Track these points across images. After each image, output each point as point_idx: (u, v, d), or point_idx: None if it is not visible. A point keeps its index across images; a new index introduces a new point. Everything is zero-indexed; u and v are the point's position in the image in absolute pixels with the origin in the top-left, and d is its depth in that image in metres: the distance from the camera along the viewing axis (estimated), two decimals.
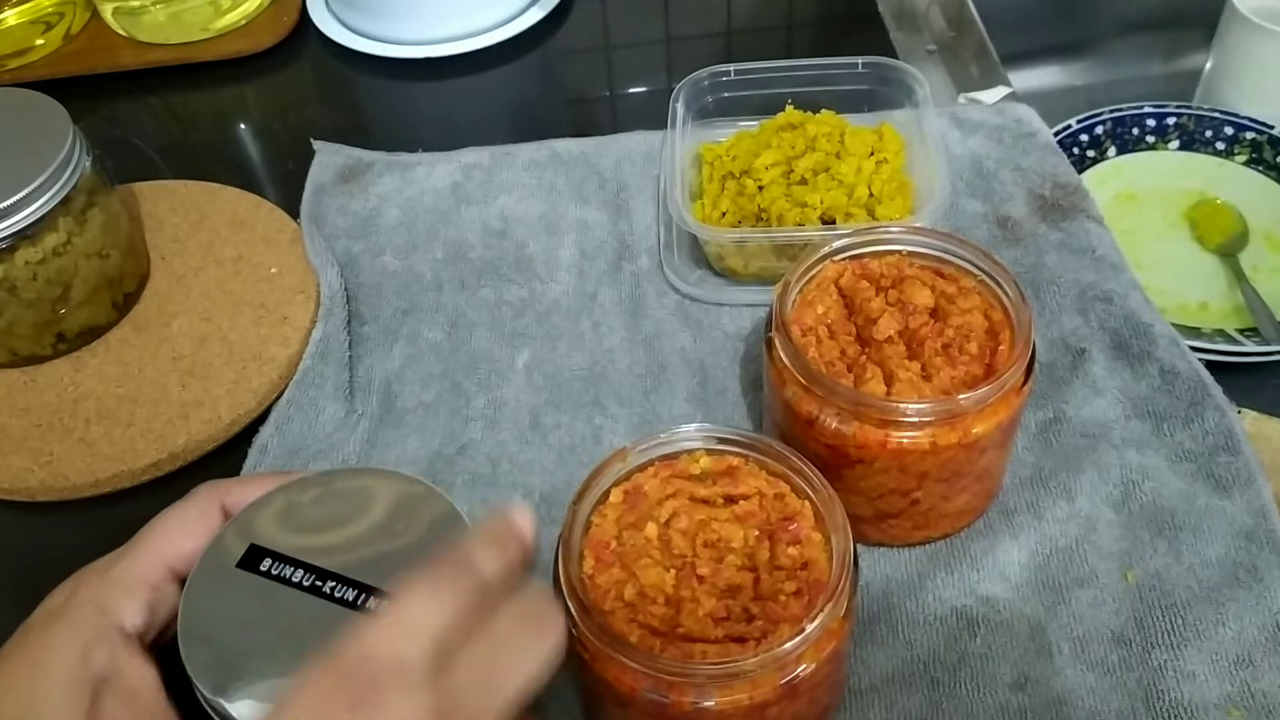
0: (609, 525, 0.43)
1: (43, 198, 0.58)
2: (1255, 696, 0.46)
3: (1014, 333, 0.48)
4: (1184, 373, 0.56)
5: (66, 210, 0.60)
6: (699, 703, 0.39)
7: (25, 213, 0.57)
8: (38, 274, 0.59)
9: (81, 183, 0.61)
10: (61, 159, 0.59)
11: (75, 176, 0.60)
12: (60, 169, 0.59)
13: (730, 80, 0.69)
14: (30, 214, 0.58)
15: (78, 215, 0.61)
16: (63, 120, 0.61)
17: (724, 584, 0.42)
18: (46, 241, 0.59)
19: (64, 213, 0.60)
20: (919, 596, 0.50)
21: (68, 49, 0.87)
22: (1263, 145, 0.72)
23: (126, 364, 0.62)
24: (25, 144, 0.60)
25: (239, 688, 0.37)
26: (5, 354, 0.62)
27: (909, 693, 0.47)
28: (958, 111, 0.73)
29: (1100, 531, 0.52)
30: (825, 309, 0.51)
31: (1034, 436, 0.56)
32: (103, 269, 0.63)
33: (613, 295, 0.65)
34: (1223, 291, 0.67)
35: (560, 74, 0.88)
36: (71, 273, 0.61)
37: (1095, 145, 0.74)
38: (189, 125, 0.84)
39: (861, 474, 0.48)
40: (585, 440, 0.58)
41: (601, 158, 0.73)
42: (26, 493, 0.58)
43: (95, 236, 0.62)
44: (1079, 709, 0.46)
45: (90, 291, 0.62)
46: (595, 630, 0.39)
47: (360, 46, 0.86)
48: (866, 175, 0.62)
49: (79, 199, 0.61)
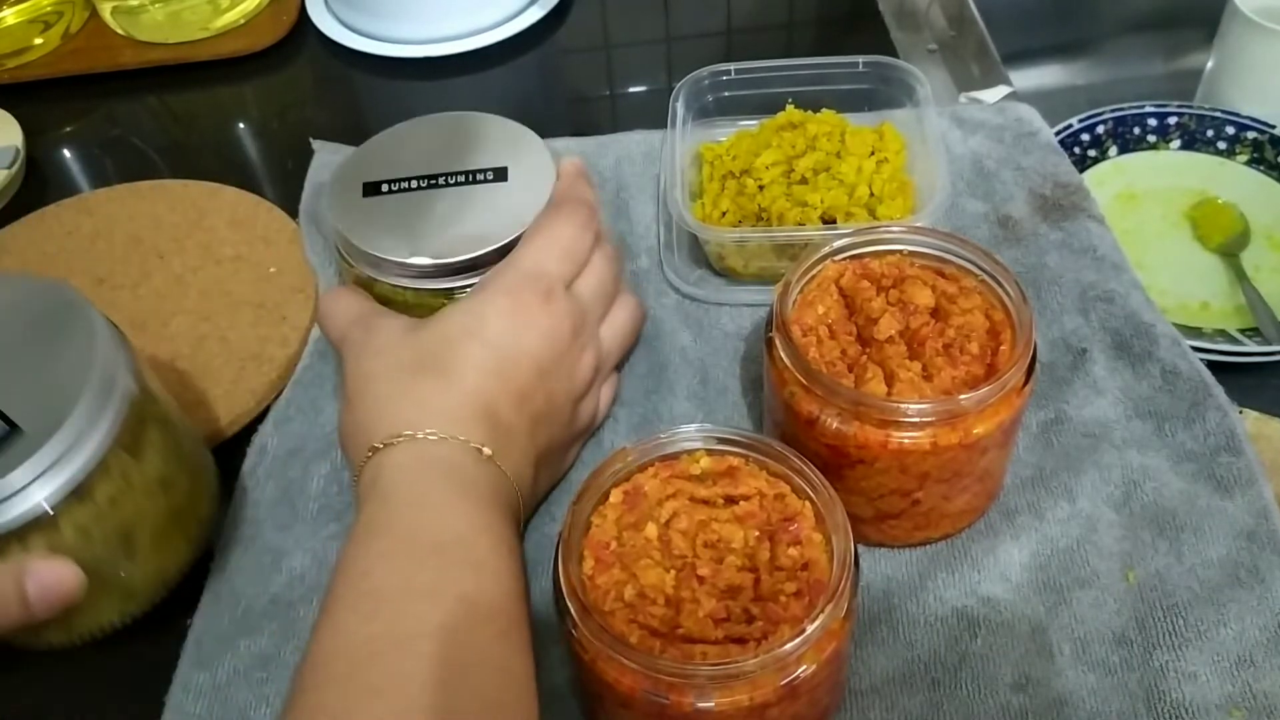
0: (609, 526, 0.43)
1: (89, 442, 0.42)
2: (1257, 697, 0.46)
3: (1015, 333, 0.48)
4: (1185, 373, 0.56)
5: (116, 444, 0.43)
6: (699, 704, 0.39)
7: (69, 471, 0.41)
8: (92, 535, 0.43)
9: (133, 401, 0.45)
10: (99, 379, 0.42)
11: (122, 400, 0.44)
12: (102, 395, 0.43)
13: (730, 79, 0.69)
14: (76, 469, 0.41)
15: (130, 446, 0.44)
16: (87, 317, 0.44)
17: (724, 585, 0.42)
18: (99, 493, 0.43)
19: (114, 450, 0.43)
20: (920, 597, 0.50)
21: (66, 48, 0.87)
22: (1264, 145, 0.72)
23: None
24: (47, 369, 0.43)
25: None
26: (64, 634, 0.46)
27: (910, 693, 0.47)
28: (959, 111, 0.73)
29: (1101, 532, 0.52)
30: (826, 309, 0.50)
31: (1035, 437, 0.56)
32: (170, 504, 0.47)
33: None
34: (1224, 291, 0.67)
35: (560, 73, 0.88)
36: (133, 521, 0.45)
37: (1096, 145, 0.74)
38: (188, 125, 0.84)
39: (862, 474, 0.48)
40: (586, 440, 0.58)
41: (601, 157, 0.73)
42: None
43: (156, 466, 0.46)
44: (1080, 710, 0.46)
45: (158, 536, 0.47)
46: (595, 631, 0.39)
47: (359, 46, 0.86)
48: (867, 175, 0.62)
49: (129, 423, 0.44)
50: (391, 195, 0.56)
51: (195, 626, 0.51)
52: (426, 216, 0.54)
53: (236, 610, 0.51)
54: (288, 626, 0.50)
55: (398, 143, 0.59)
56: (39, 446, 0.40)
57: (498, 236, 0.53)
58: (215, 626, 0.51)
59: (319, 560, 0.53)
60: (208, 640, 0.50)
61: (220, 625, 0.51)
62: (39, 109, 0.83)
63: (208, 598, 0.52)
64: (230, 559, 0.53)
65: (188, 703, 0.48)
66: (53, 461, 0.41)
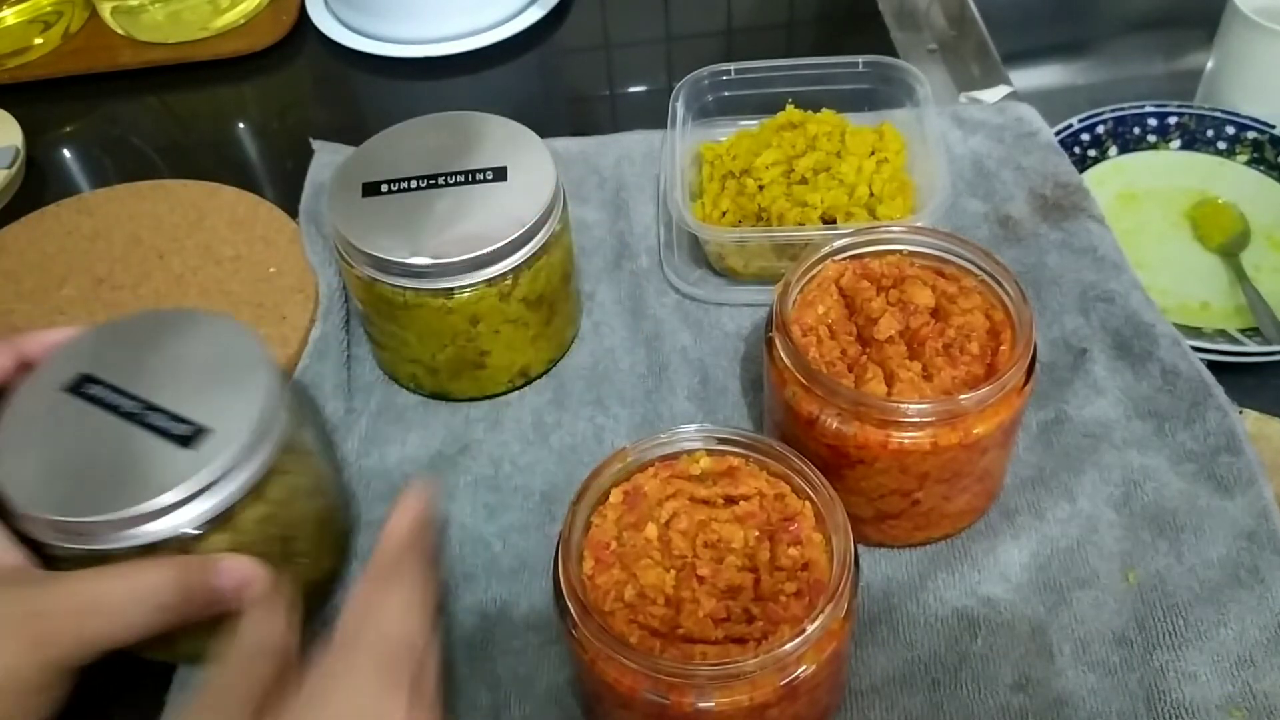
0: (609, 526, 0.43)
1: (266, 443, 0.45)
2: (1257, 697, 0.46)
3: (1015, 333, 0.48)
4: (1185, 373, 0.56)
5: (285, 447, 0.46)
6: (699, 704, 0.39)
7: (249, 470, 0.44)
8: (263, 534, 0.45)
9: (292, 408, 0.48)
10: (268, 385, 0.46)
11: (286, 406, 0.47)
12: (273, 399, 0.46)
13: (730, 79, 0.69)
14: (255, 468, 0.44)
15: (291, 449, 0.47)
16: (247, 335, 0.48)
17: (724, 585, 0.42)
18: (271, 494, 0.45)
19: (283, 452, 0.46)
20: (920, 597, 0.50)
21: (66, 48, 0.87)
22: (1264, 145, 0.72)
23: None
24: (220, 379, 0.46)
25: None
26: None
27: (910, 693, 0.47)
28: (959, 111, 0.73)
29: (1101, 532, 0.52)
30: (826, 309, 0.50)
31: (1035, 437, 0.56)
32: (321, 510, 0.50)
33: (612, 294, 0.65)
34: (1224, 291, 0.66)
35: (560, 73, 0.88)
36: (295, 524, 0.47)
37: (1096, 144, 0.74)
38: (188, 125, 0.84)
39: (862, 474, 0.48)
40: (587, 440, 0.58)
41: (601, 157, 0.73)
42: None
43: (312, 469, 0.49)
44: (1080, 710, 0.46)
45: (311, 542, 0.49)
46: (595, 631, 0.39)
47: (359, 46, 0.86)
48: (867, 175, 0.62)
49: (291, 427, 0.47)
50: (391, 195, 0.56)
51: None
52: (426, 216, 0.54)
53: None
54: None
55: (398, 143, 0.59)
56: (224, 448, 0.43)
57: (498, 236, 0.53)
58: None
59: None
60: None
61: None
62: (39, 109, 0.83)
63: None
64: None
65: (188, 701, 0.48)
66: (234, 462, 0.43)
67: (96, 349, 0.47)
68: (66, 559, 0.42)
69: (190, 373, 0.46)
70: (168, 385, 0.45)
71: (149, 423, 0.44)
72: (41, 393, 0.45)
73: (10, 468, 0.43)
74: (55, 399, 0.45)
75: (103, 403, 0.44)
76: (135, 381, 0.45)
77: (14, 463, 0.43)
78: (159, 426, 0.43)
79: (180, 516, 0.42)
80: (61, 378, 0.45)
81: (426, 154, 0.57)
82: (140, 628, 0.41)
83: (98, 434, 0.43)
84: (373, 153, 0.58)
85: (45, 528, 0.42)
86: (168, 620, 0.41)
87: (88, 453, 0.43)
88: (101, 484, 0.42)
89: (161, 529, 0.42)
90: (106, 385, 0.45)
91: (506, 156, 0.57)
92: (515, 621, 0.50)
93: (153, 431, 0.43)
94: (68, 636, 0.40)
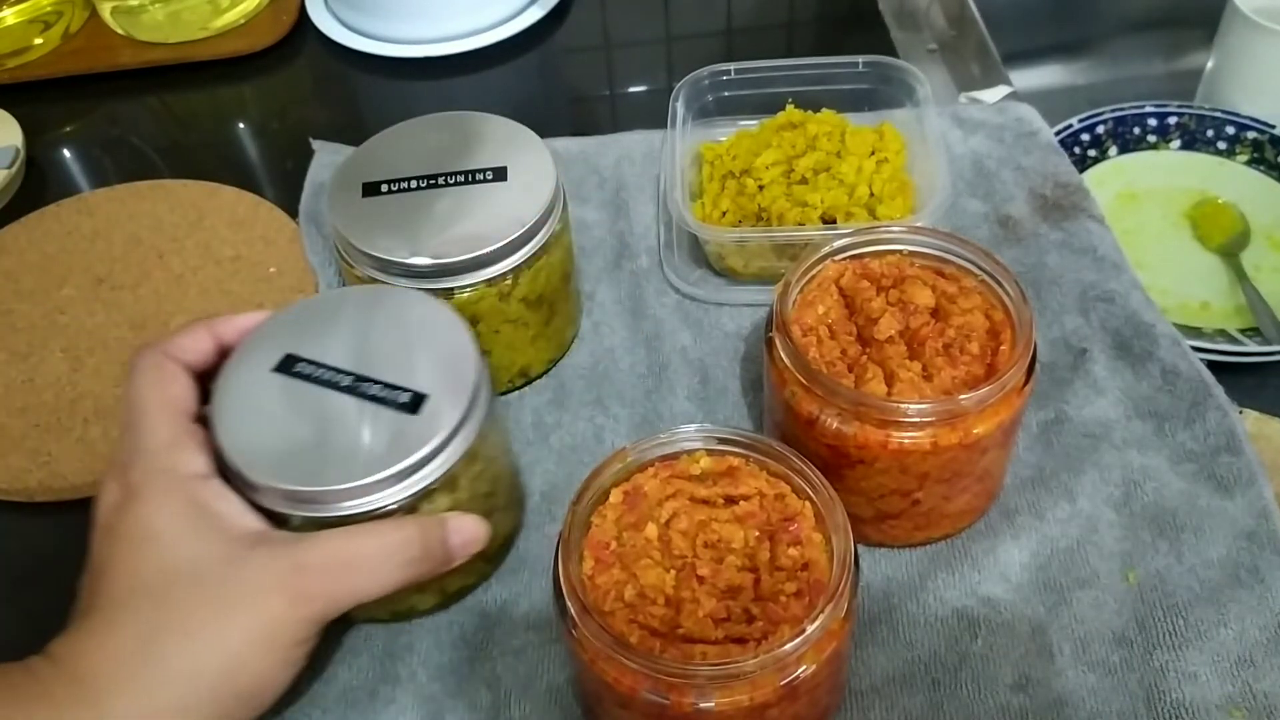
0: (609, 526, 0.43)
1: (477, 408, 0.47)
2: (1257, 697, 0.46)
3: (1015, 332, 0.48)
4: (1185, 373, 0.56)
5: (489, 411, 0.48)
6: (699, 704, 0.39)
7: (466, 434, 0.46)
8: (474, 493, 0.48)
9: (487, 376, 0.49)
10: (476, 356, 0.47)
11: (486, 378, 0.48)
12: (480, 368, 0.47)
13: (730, 79, 0.69)
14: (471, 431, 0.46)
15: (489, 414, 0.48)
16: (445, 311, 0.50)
17: (724, 585, 0.42)
18: (481, 455, 0.47)
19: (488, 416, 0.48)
20: (920, 597, 0.50)
21: (66, 48, 0.87)
22: (1264, 145, 0.72)
23: (125, 364, 0.62)
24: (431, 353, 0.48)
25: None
26: (438, 596, 0.51)
27: (910, 694, 0.47)
28: (959, 111, 0.73)
29: (1101, 532, 0.52)
30: (826, 309, 0.50)
31: (1035, 437, 0.56)
32: (510, 470, 0.53)
33: (612, 294, 0.65)
34: (1224, 291, 0.66)
35: (560, 73, 0.88)
36: (495, 483, 0.50)
37: (1096, 144, 0.74)
38: (187, 125, 0.84)
39: (862, 474, 0.48)
40: (587, 440, 0.58)
41: (601, 157, 0.73)
42: (24, 493, 0.57)
43: (502, 433, 0.51)
44: (1080, 710, 0.46)
45: (507, 501, 0.52)
46: (595, 631, 0.39)
47: (359, 46, 0.86)
48: (867, 175, 0.62)
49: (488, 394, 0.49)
50: (391, 195, 0.56)
51: None
52: (426, 216, 0.54)
53: None
54: None
55: (398, 143, 0.59)
56: (446, 410, 0.45)
57: (498, 236, 0.53)
58: None
59: None
60: None
61: None
62: (39, 109, 0.83)
63: None
64: None
65: None
66: (458, 423, 0.45)
67: (292, 330, 0.48)
68: (302, 529, 0.44)
69: (388, 344, 0.48)
70: (371, 357, 0.47)
71: (368, 393, 0.46)
72: (252, 374, 0.47)
73: (241, 445, 0.44)
74: (268, 379, 0.46)
75: (315, 379, 0.46)
76: (338, 357, 0.47)
77: (243, 441, 0.44)
78: (379, 396, 0.46)
79: (414, 479, 0.44)
80: (268, 359, 0.47)
81: (426, 154, 0.57)
82: (387, 584, 0.43)
83: (320, 408, 0.45)
84: (373, 153, 0.58)
85: (282, 499, 0.44)
86: (409, 577, 0.44)
87: (315, 426, 0.45)
88: (336, 453, 0.44)
89: (396, 492, 0.44)
90: (313, 363, 0.47)
91: (506, 156, 0.57)
92: (515, 621, 0.50)
93: (374, 401, 0.45)
94: (326, 591, 0.42)
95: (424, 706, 0.48)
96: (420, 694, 0.48)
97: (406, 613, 0.51)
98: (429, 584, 0.48)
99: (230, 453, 0.44)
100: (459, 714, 0.47)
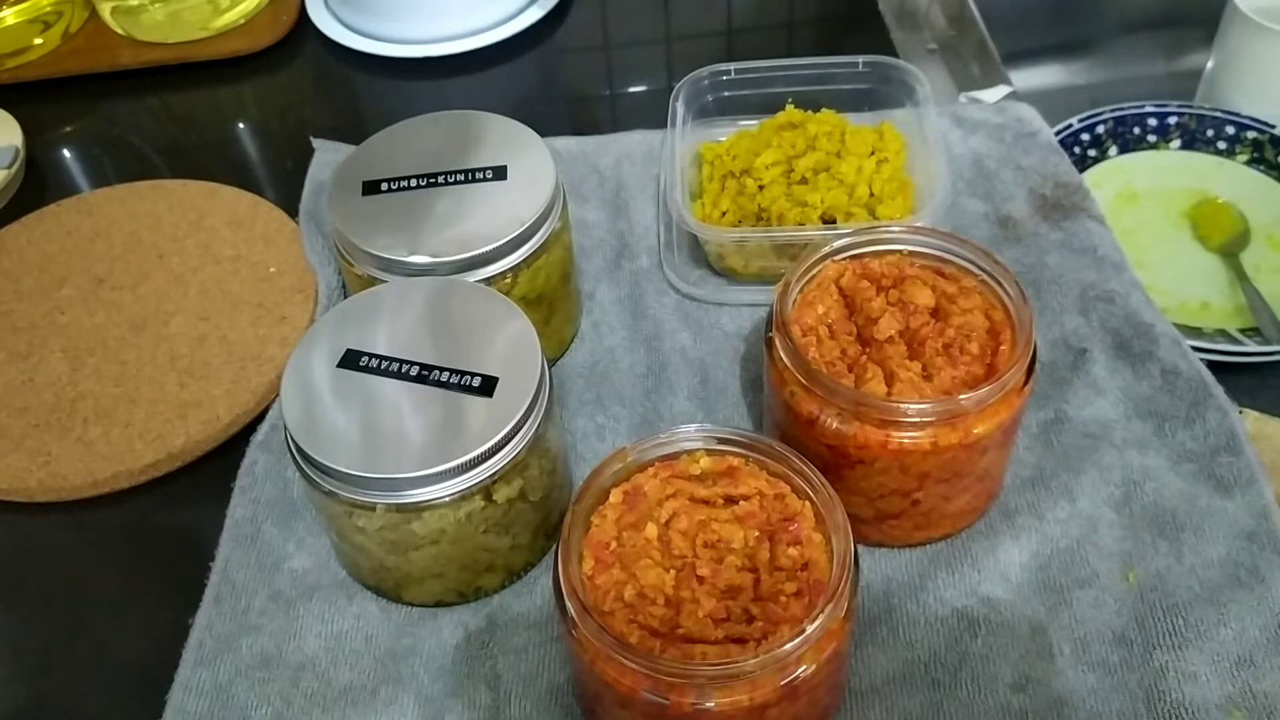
0: (609, 526, 0.43)
1: (542, 393, 0.48)
2: (1257, 697, 0.46)
3: (1015, 332, 0.48)
4: (1185, 373, 0.56)
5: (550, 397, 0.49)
6: (699, 704, 0.39)
7: (534, 418, 0.47)
8: (541, 474, 0.49)
9: None
10: (535, 345, 0.49)
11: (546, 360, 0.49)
12: (539, 358, 0.48)
13: (730, 79, 0.69)
14: (538, 416, 0.47)
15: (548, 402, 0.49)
16: (504, 302, 0.51)
17: (724, 585, 0.42)
18: (547, 438, 0.49)
19: (550, 400, 0.49)
20: (920, 597, 0.50)
21: (66, 48, 0.87)
22: (1264, 145, 0.72)
23: (124, 363, 0.62)
24: (495, 342, 0.49)
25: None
26: (503, 575, 0.51)
27: (910, 694, 0.47)
28: (959, 111, 0.73)
29: (1101, 532, 0.52)
30: (826, 309, 0.50)
31: (1035, 437, 0.56)
32: (564, 442, 0.54)
33: (612, 294, 0.65)
34: (1224, 291, 0.66)
35: (559, 73, 0.88)
36: (557, 452, 0.51)
37: (1096, 144, 0.74)
38: (187, 124, 0.84)
39: (862, 474, 0.48)
40: (587, 439, 0.58)
41: (601, 157, 0.73)
42: (25, 493, 0.57)
43: (557, 416, 0.51)
44: (1080, 710, 0.46)
45: (564, 472, 0.53)
46: (595, 631, 0.39)
47: (359, 45, 0.86)
48: (867, 174, 0.62)
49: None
50: (391, 194, 0.56)
51: (197, 626, 0.51)
52: (426, 215, 0.54)
53: (238, 609, 0.51)
54: (289, 625, 0.50)
55: (398, 142, 0.59)
56: (520, 391, 0.46)
57: (497, 235, 0.53)
58: (216, 626, 0.51)
59: (319, 559, 0.53)
60: (209, 639, 0.50)
61: (221, 624, 0.51)
62: (39, 109, 0.83)
63: (209, 597, 0.52)
64: (231, 558, 0.53)
65: (189, 702, 0.48)
66: (532, 402, 0.46)
67: (348, 326, 0.49)
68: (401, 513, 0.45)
69: (446, 332, 0.49)
70: (432, 347, 0.48)
71: (439, 380, 0.47)
72: (317, 373, 0.48)
73: (320, 441, 0.45)
74: (334, 374, 0.47)
75: (381, 371, 0.47)
76: (399, 348, 0.48)
77: (324, 435, 0.45)
78: (450, 383, 0.47)
79: (500, 455, 0.45)
80: (330, 356, 0.48)
81: (426, 153, 0.57)
82: None
83: (393, 397, 0.46)
84: (373, 152, 0.58)
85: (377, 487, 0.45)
86: None
87: (393, 414, 0.46)
88: (419, 439, 0.45)
89: (487, 468, 0.45)
90: (375, 355, 0.48)
91: (506, 156, 0.57)
92: (515, 621, 0.50)
93: (446, 388, 0.46)
94: None
95: (425, 706, 0.48)
96: (421, 694, 0.48)
97: (474, 593, 0.51)
98: (496, 563, 0.50)
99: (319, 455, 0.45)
100: (459, 714, 0.47)
